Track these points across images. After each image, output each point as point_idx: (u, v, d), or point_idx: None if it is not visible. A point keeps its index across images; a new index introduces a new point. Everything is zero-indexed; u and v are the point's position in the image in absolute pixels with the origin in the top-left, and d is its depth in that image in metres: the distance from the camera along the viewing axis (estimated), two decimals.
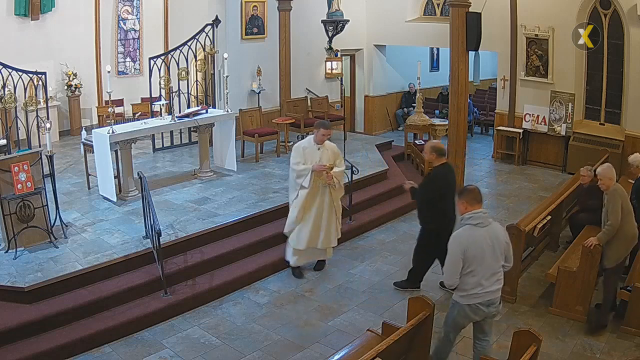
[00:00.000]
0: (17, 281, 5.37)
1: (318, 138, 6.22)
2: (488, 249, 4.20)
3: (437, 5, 12.57)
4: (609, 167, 5.53)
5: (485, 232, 4.22)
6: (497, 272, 4.28)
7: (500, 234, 4.33)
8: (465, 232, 4.22)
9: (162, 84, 9.32)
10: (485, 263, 4.19)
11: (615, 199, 5.34)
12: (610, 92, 10.04)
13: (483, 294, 4.22)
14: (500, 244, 4.28)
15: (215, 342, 5.31)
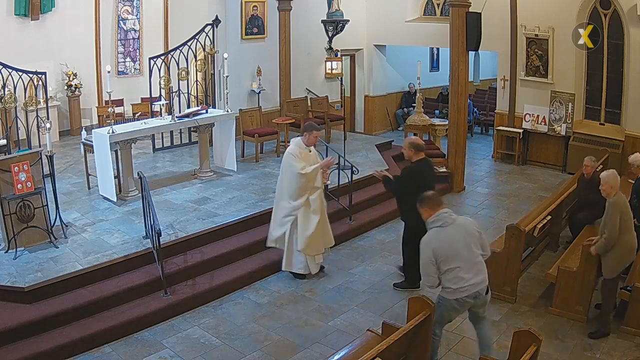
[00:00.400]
0: (17, 281, 5.37)
1: (311, 140, 6.16)
2: (460, 244, 4.29)
3: (437, 5, 12.57)
4: (613, 175, 5.33)
5: (452, 229, 4.32)
6: (476, 263, 4.35)
7: (469, 226, 4.42)
8: (433, 235, 4.34)
9: (162, 84, 9.32)
10: (461, 258, 4.27)
11: (614, 212, 5.18)
12: (610, 92, 10.04)
13: (468, 287, 4.29)
14: (472, 236, 4.37)
15: (215, 342, 5.31)
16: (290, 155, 6.10)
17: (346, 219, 7.90)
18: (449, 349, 5.14)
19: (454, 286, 4.29)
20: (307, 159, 6.14)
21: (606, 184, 5.28)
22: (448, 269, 4.28)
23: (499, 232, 7.23)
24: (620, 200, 5.25)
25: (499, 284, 6.06)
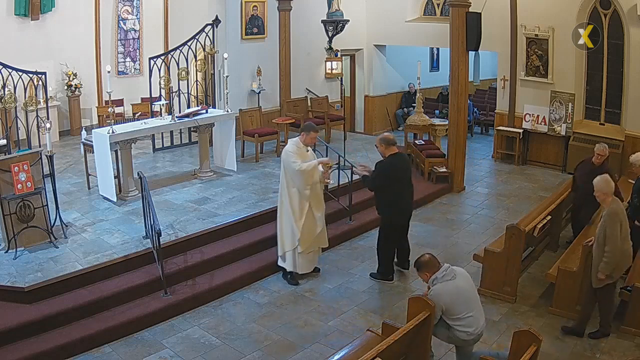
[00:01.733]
0: (17, 281, 5.38)
1: (308, 140, 6.14)
2: (469, 291, 4.49)
3: (437, 5, 12.57)
4: (605, 181, 5.12)
5: (458, 280, 4.45)
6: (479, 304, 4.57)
7: (465, 273, 4.60)
8: (441, 290, 4.39)
9: (162, 84, 9.32)
10: (473, 304, 4.46)
11: (613, 223, 5.00)
12: (610, 92, 10.04)
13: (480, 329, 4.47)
14: (470, 280, 4.59)
15: (215, 342, 5.31)
16: (288, 153, 6.11)
17: (346, 219, 7.89)
18: (449, 349, 5.14)
19: (470, 329, 4.41)
20: (304, 158, 6.14)
21: (599, 190, 5.09)
22: (463, 316, 4.38)
23: (499, 232, 7.23)
24: (618, 209, 5.07)
25: (499, 284, 6.07)
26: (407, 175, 6.32)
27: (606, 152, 6.78)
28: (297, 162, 6.01)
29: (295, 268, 6.38)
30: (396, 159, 6.18)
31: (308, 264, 6.44)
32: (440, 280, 4.45)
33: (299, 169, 5.99)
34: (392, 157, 6.13)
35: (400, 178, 6.19)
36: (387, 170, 6.13)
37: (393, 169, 6.14)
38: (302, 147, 6.16)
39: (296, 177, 6.06)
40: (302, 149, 6.15)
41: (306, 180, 6.05)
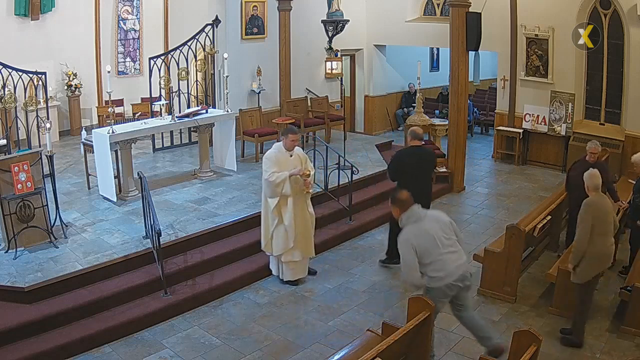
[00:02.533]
0: (17, 281, 5.38)
1: (288, 144, 6.04)
2: (438, 232, 4.50)
3: (437, 5, 12.57)
4: (591, 175, 5.14)
5: (426, 222, 4.53)
6: (454, 248, 4.55)
7: (440, 217, 4.67)
8: (409, 232, 4.50)
9: (162, 84, 9.32)
10: (440, 246, 4.47)
11: (586, 214, 4.99)
12: (610, 92, 10.04)
13: (454, 269, 4.48)
14: (444, 224, 4.61)
15: (215, 342, 5.31)
16: (265, 159, 6.03)
17: (346, 219, 7.90)
18: (449, 349, 5.14)
19: (441, 273, 4.45)
20: (284, 164, 5.99)
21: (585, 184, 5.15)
22: (431, 261, 4.44)
23: (499, 232, 7.23)
24: (596, 203, 5.03)
25: (499, 284, 6.07)
26: (418, 169, 6.37)
27: (599, 149, 6.66)
28: (269, 171, 5.93)
29: (278, 273, 6.40)
30: (405, 152, 6.52)
31: (292, 273, 6.35)
32: (405, 223, 4.54)
33: (266, 178, 5.94)
34: (404, 149, 6.45)
35: (408, 170, 6.28)
36: (393, 161, 6.46)
37: (399, 161, 6.41)
38: (285, 152, 6.05)
39: (264, 185, 6.05)
40: (285, 154, 6.04)
41: (273, 191, 5.96)
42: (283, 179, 5.90)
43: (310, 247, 6.37)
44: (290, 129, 6.21)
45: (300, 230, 6.18)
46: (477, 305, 5.95)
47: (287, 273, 6.33)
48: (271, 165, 5.96)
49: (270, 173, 5.94)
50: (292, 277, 6.34)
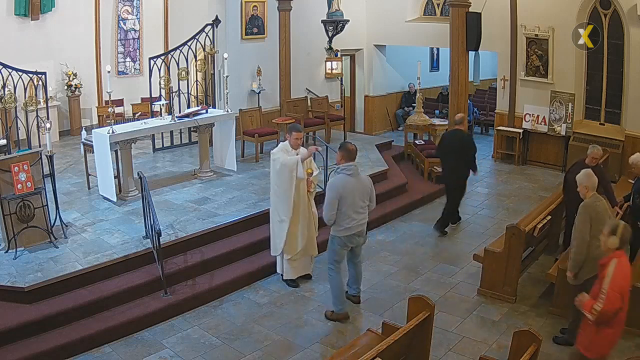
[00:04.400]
0: (17, 281, 5.38)
1: (292, 142, 6.02)
2: (356, 192, 5.40)
3: (437, 5, 12.57)
4: (586, 175, 5.09)
5: (355, 180, 5.40)
6: (363, 209, 5.52)
7: (365, 181, 5.56)
8: (340, 180, 5.37)
9: (162, 84, 9.32)
10: (354, 202, 5.38)
11: (584, 217, 4.91)
12: (610, 92, 10.04)
13: (355, 226, 5.45)
14: (365, 188, 5.51)
15: (215, 342, 5.31)
16: (274, 153, 6.05)
17: None
18: (449, 349, 5.15)
19: (346, 225, 5.40)
20: None
21: (580, 184, 5.09)
22: (344, 210, 5.34)
23: (499, 232, 7.23)
24: (593, 204, 4.97)
25: (499, 284, 6.07)
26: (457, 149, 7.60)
27: (601, 154, 6.54)
28: (281, 159, 5.93)
29: (282, 271, 6.39)
30: (446, 134, 8.05)
31: (293, 271, 6.34)
32: (340, 171, 5.39)
33: (282, 162, 5.90)
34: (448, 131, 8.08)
35: (448, 149, 7.70)
36: (440, 142, 8.05)
37: (441, 142, 8.00)
38: (291, 151, 6.05)
39: (280, 173, 5.95)
40: (290, 153, 6.05)
41: (290, 173, 5.88)
42: (296, 161, 5.91)
43: (313, 246, 6.38)
44: (294, 126, 6.22)
45: (305, 230, 6.19)
46: (477, 305, 5.95)
47: (289, 271, 6.33)
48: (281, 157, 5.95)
49: (283, 158, 5.92)
50: (292, 276, 6.34)
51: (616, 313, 3.94)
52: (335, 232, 5.48)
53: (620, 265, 3.99)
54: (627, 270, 4.03)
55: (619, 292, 3.91)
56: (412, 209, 8.78)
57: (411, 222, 8.37)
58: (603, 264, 4.08)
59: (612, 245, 4.04)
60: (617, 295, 3.89)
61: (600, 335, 4.02)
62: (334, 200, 5.30)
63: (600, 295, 3.90)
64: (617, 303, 3.89)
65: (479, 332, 5.44)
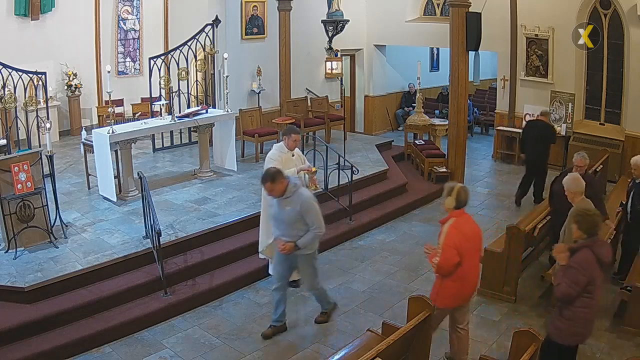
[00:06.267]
0: (17, 281, 5.38)
1: (290, 144, 6.00)
2: None
3: (437, 5, 12.57)
4: (572, 179, 5.09)
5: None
6: None
7: None
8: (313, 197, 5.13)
9: (162, 84, 9.32)
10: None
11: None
12: (610, 92, 10.04)
13: None
14: None
15: (215, 342, 5.31)
16: (268, 159, 6.01)
17: (346, 219, 7.90)
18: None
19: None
20: (287, 163, 5.97)
21: (567, 190, 5.06)
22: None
23: (499, 232, 7.23)
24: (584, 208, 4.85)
25: (499, 284, 6.07)
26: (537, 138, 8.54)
27: (586, 162, 6.22)
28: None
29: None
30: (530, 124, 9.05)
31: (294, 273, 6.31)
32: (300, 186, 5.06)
33: None
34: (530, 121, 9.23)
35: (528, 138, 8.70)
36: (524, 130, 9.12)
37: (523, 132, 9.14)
38: (287, 152, 6.03)
39: None
40: (287, 154, 6.03)
41: None
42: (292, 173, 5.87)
43: None
44: (292, 128, 6.20)
45: None
46: (477, 305, 5.95)
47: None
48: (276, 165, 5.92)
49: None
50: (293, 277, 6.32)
51: (455, 267, 4.33)
52: (312, 249, 5.21)
53: (458, 223, 4.43)
54: (466, 228, 4.45)
55: (454, 247, 4.30)
56: (412, 209, 8.78)
57: (411, 222, 8.36)
58: (442, 222, 4.52)
59: (449, 205, 4.50)
60: (452, 251, 4.30)
61: (444, 287, 4.49)
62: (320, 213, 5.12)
63: (438, 250, 4.36)
64: (454, 258, 4.30)
65: (479, 332, 5.44)
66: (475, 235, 4.57)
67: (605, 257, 3.94)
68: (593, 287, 3.88)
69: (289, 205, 4.93)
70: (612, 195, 8.22)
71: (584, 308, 3.91)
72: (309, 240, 5.02)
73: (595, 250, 3.89)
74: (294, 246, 5.00)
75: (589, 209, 4.07)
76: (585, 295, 3.89)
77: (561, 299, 3.98)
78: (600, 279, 3.95)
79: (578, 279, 3.84)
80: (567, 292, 3.87)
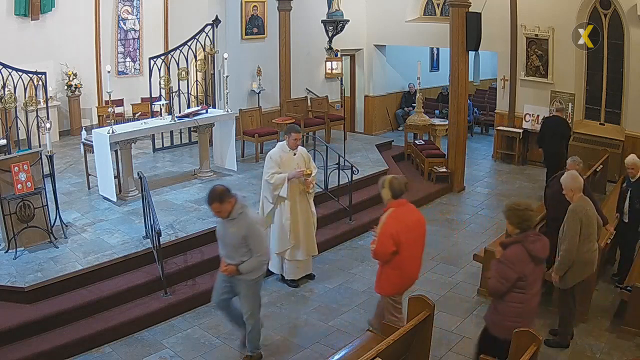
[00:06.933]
0: (17, 281, 5.38)
1: (291, 143, 6.02)
2: None
3: (437, 5, 12.57)
4: (570, 177, 5.02)
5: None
6: None
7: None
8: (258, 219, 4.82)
9: (162, 84, 9.32)
10: None
11: (574, 220, 4.84)
12: (610, 92, 10.04)
13: None
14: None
15: (215, 342, 5.31)
16: (269, 156, 6.04)
17: (346, 219, 7.90)
18: (449, 349, 5.14)
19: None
20: (288, 163, 6.01)
21: (565, 188, 5.02)
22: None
23: (499, 232, 7.24)
24: (581, 206, 4.91)
25: None
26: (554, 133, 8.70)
27: (579, 167, 6.10)
28: (269, 172, 5.96)
29: (280, 272, 6.37)
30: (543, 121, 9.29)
31: (296, 271, 6.34)
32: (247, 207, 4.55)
33: (266, 179, 5.97)
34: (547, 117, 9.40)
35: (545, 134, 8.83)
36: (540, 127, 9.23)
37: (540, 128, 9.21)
38: (288, 151, 6.05)
39: (263, 185, 6.09)
40: (288, 153, 6.05)
41: (271, 193, 6.01)
42: (282, 181, 5.91)
43: (312, 246, 6.38)
44: (293, 127, 6.20)
45: (303, 230, 6.18)
46: (477, 305, 5.95)
47: (291, 272, 6.32)
48: (273, 166, 5.97)
49: (270, 174, 5.95)
50: (294, 276, 6.34)
51: (392, 255, 4.49)
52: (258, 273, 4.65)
53: (397, 213, 4.57)
54: (407, 218, 4.59)
55: (390, 236, 4.44)
56: None
57: None
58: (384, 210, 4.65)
59: (386, 196, 4.68)
60: (388, 239, 4.45)
61: (384, 274, 4.67)
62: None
63: (375, 238, 4.53)
64: (389, 246, 4.46)
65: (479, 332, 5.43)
66: (417, 225, 4.68)
67: (538, 252, 3.92)
68: (524, 282, 3.88)
69: (233, 227, 4.46)
70: (611, 196, 8.21)
71: (517, 303, 3.92)
72: (251, 266, 4.52)
73: (526, 245, 3.88)
74: (235, 270, 4.53)
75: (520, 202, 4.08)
76: (517, 290, 3.90)
77: (491, 294, 4.04)
78: (534, 275, 3.94)
79: (507, 275, 3.86)
80: (496, 287, 3.92)
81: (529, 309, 3.99)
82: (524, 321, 3.94)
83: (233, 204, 4.44)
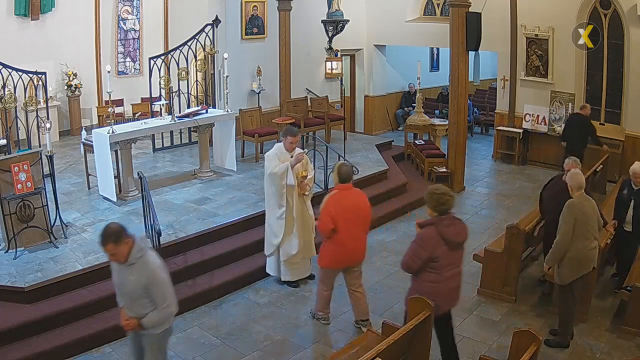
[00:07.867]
0: (17, 281, 5.38)
1: (287, 146, 5.99)
2: None
3: (437, 5, 12.57)
4: (573, 175, 5.04)
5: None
6: None
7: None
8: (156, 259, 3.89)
9: (162, 84, 9.32)
10: None
11: (568, 215, 4.88)
12: (610, 92, 10.04)
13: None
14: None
15: (215, 342, 5.31)
16: (268, 155, 6.04)
17: None
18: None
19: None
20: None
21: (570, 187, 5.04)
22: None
23: (499, 232, 7.23)
24: (579, 204, 4.92)
25: (499, 284, 6.07)
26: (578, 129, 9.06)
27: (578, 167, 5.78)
28: (271, 166, 5.95)
29: (278, 274, 6.34)
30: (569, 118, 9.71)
31: (292, 273, 6.31)
32: (147, 250, 3.83)
33: (271, 171, 5.95)
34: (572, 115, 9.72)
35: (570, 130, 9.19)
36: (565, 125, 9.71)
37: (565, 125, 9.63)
38: (285, 153, 6.03)
39: (268, 181, 6.05)
40: (285, 154, 6.02)
41: (278, 184, 5.96)
42: (285, 169, 5.90)
43: (311, 248, 6.35)
44: (289, 130, 6.16)
45: (301, 233, 6.17)
46: (477, 305, 5.96)
47: (287, 274, 6.30)
48: (273, 160, 5.97)
49: (273, 166, 5.95)
50: (291, 278, 6.33)
51: (331, 232, 5.01)
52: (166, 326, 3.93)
53: (339, 195, 5.09)
54: (347, 201, 5.07)
55: (329, 215, 4.99)
56: (412, 209, 8.77)
57: (411, 222, 8.34)
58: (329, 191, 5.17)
59: (335, 180, 5.16)
60: (327, 218, 5.00)
61: (325, 248, 5.22)
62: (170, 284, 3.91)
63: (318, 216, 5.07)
64: (328, 224, 5.00)
65: (479, 332, 5.44)
66: (355, 208, 5.11)
67: (451, 235, 4.17)
68: (436, 263, 4.16)
69: (132, 275, 3.73)
70: (611, 196, 8.21)
71: (429, 282, 4.23)
72: (155, 320, 3.78)
73: (439, 228, 4.15)
74: (137, 324, 3.79)
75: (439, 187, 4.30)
76: (429, 270, 4.20)
77: (404, 269, 4.35)
78: (448, 258, 4.19)
79: (419, 253, 4.18)
80: (408, 264, 4.26)
81: (444, 290, 4.26)
82: (442, 300, 4.24)
83: (130, 245, 3.75)
